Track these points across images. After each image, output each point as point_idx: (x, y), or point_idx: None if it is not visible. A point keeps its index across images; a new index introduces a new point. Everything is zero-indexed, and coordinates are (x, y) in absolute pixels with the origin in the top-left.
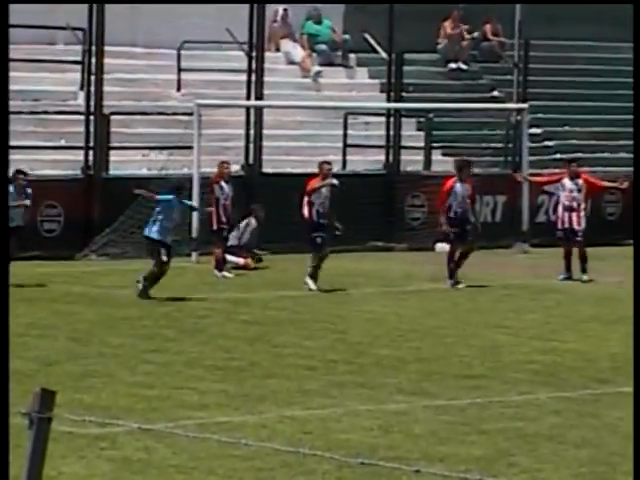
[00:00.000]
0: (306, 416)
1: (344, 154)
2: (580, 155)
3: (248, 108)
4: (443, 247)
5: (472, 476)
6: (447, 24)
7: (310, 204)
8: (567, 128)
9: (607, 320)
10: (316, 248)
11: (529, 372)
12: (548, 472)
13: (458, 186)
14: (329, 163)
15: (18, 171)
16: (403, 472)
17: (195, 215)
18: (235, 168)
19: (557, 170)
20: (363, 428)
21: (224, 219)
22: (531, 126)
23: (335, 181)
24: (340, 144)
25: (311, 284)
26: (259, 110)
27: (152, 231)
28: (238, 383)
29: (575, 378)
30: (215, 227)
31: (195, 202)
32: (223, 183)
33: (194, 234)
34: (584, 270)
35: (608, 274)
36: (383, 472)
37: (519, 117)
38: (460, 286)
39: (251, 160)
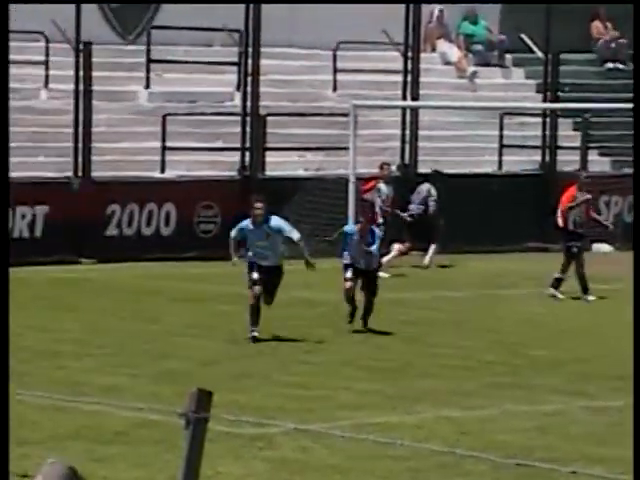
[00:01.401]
0: (462, 417)
1: (500, 154)
2: None
3: (404, 109)
4: (600, 247)
5: (630, 477)
6: (596, 24)
7: (565, 214)
8: None
9: None
10: (572, 257)
11: None
12: None
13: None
14: (389, 164)
15: None
16: (560, 474)
17: (351, 215)
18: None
19: None
20: (519, 429)
21: (380, 220)
22: None
23: (589, 196)
24: (496, 144)
25: (556, 293)
26: (415, 111)
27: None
28: (394, 383)
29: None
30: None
31: (351, 202)
32: (382, 184)
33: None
34: None
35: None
36: (539, 473)
37: None
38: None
39: (407, 160)
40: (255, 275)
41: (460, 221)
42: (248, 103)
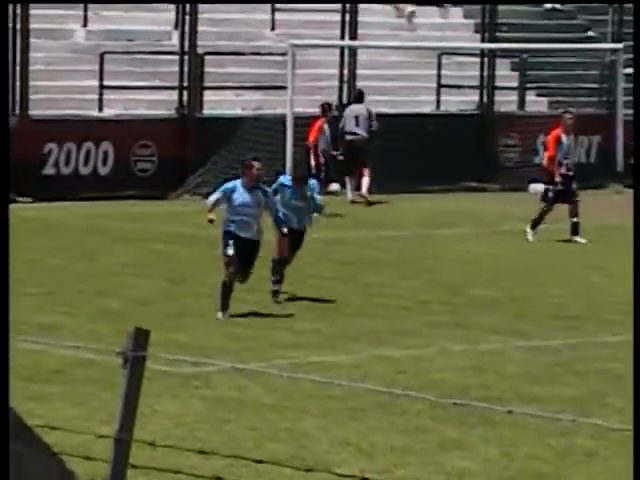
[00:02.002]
0: (399, 356)
1: (438, 94)
2: None
3: (342, 48)
4: (537, 187)
5: (565, 416)
6: None
7: (553, 157)
8: None
9: None
10: (546, 200)
11: (623, 313)
12: None
13: (564, 138)
14: (330, 105)
15: None
16: (496, 412)
17: (289, 154)
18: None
19: None
20: (456, 368)
21: (322, 160)
22: (626, 66)
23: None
24: (434, 84)
25: (529, 235)
26: (353, 50)
27: None
28: (331, 323)
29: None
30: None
31: (289, 141)
32: (325, 125)
33: (288, 173)
34: None
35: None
36: (476, 412)
37: (614, 57)
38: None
39: (345, 100)
40: (230, 251)
41: (398, 161)
42: (186, 42)
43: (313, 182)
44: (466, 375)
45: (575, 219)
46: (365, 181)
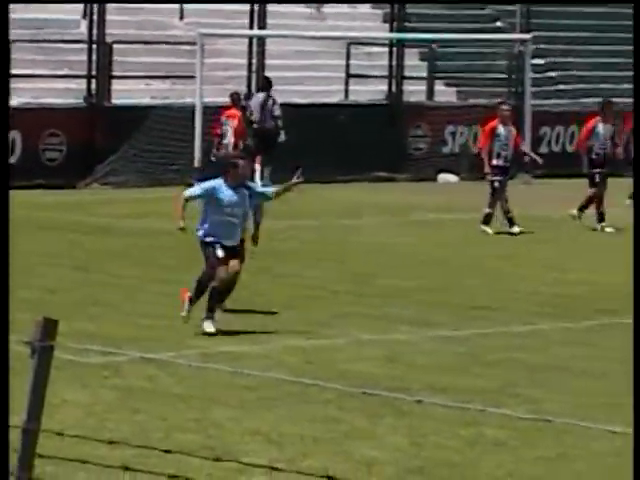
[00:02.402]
0: (309, 346)
1: (346, 84)
2: (582, 86)
3: (251, 38)
4: (446, 177)
5: (474, 406)
6: None
7: (490, 148)
8: (570, 59)
9: (614, 249)
10: (494, 192)
11: (534, 303)
12: (551, 402)
13: (600, 127)
14: (238, 93)
15: None
16: (405, 402)
17: (197, 143)
18: None
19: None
20: (366, 358)
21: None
22: (534, 57)
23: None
24: (342, 74)
25: (487, 229)
26: (262, 40)
27: None
28: (241, 313)
29: (580, 308)
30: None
31: (198, 130)
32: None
33: (196, 164)
34: None
35: (615, 205)
36: (385, 402)
37: (522, 48)
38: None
39: (253, 89)
40: (220, 253)
41: (308, 151)
42: (94, 31)
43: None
44: (376, 365)
45: (487, 210)
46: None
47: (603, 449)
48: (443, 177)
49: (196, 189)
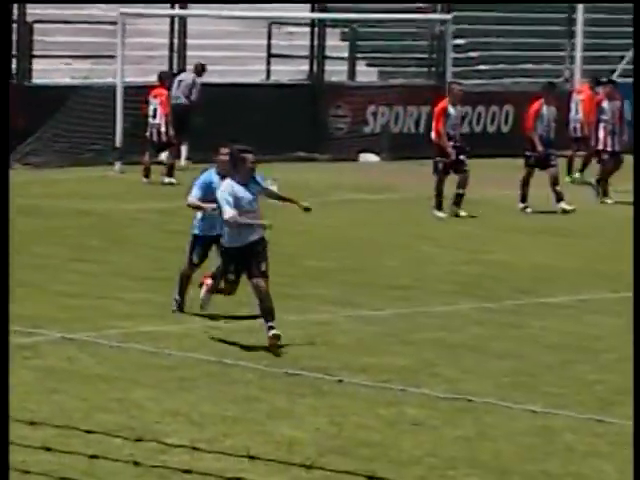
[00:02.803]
0: (230, 326)
1: (268, 64)
2: (503, 67)
3: (172, 17)
4: (367, 157)
5: (394, 386)
6: None
7: (440, 130)
8: (491, 39)
9: (531, 231)
10: (437, 172)
11: (453, 283)
12: (470, 382)
13: (545, 109)
14: (165, 72)
15: None
16: (325, 382)
17: (119, 124)
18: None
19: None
20: (287, 338)
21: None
22: (455, 37)
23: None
24: (264, 54)
25: (439, 214)
26: (183, 19)
27: None
28: (163, 293)
29: (498, 289)
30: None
31: (119, 110)
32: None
33: (117, 144)
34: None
35: (535, 185)
36: (305, 382)
37: (443, 28)
38: (528, 210)
39: (175, 69)
40: (232, 277)
41: (228, 131)
42: (14, 10)
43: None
44: (296, 345)
45: (461, 190)
46: (184, 152)
47: (523, 428)
48: (364, 157)
49: (223, 201)
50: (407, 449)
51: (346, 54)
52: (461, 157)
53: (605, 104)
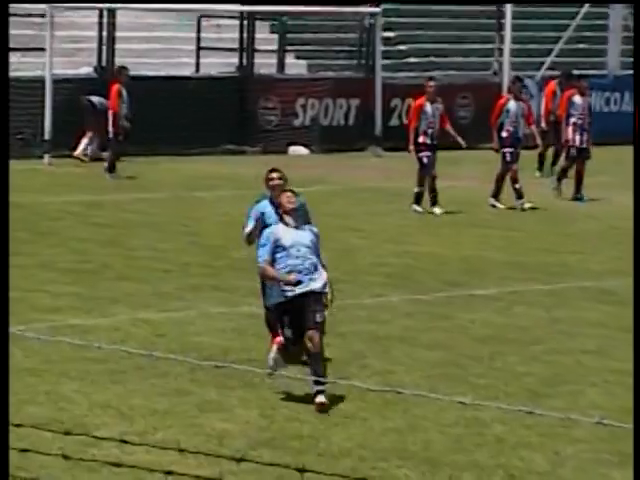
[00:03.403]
0: (160, 319)
1: (197, 57)
2: (433, 59)
3: (101, 10)
4: (296, 150)
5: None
6: None
7: (415, 127)
8: (420, 32)
9: (459, 222)
10: (422, 168)
11: (383, 275)
12: (400, 374)
13: (512, 104)
14: (124, 67)
15: None
16: (256, 374)
17: (48, 116)
18: (88, 70)
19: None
20: (217, 331)
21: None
22: (384, 29)
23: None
24: (193, 47)
25: (417, 208)
26: (112, 12)
27: None
28: (91, 286)
29: (428, 281)
30: (111, 133)
31: (48, 102)
32: (124, 90)
33: (47, 136)
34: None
35: (464, 178)
36: (236, 374)
37: (372, 20)
38: (526, 205)
39: (104, 62)
40: (288, 333)
41: (158, 124)
42: None
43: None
44: (226, 338)
45: (417, 189)
46: (84, 141)
47: (452, 420)
48: (294, 150)
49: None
50: (337, 441)
51: (275, 47)
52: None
53: (576, 99)
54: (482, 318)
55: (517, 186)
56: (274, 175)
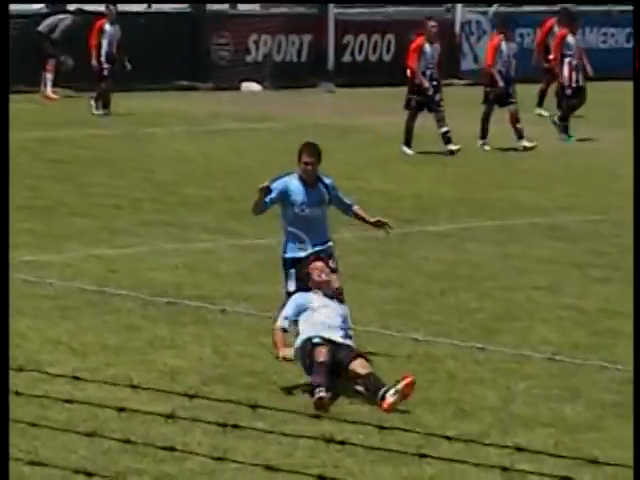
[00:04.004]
0: (112, 255)
1: None
2: None
3: None
4: (249, 86)
5: (275, 314)
6: None
7: (416, 66)
8: None
9: (412, 160)
10: (409, 109)
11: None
12: (353, 311)
13: (504, 45)
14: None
15: None
16: (208, 311)
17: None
18: (40, 6)
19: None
20: (169, 267)
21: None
22: None
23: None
24: None
25: (407, 150)
26: None
27: None
28: (45, 222)
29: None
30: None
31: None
32: (107, 25)
33: None
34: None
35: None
36: (188, 311)
37: None
38: (487, 147)
39: None
40: (292, 287)
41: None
42: None
43: (330, 181)
44: (179, 274)
45: (444, 129)
46: (48, 77)
47: (405, 356)
48: (246, 86)
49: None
50: (290, 377)
51: None
52: (437, 96)
53: (570, 39)
54: (434, 255)
55: (518, 126)
56: (308, 160)
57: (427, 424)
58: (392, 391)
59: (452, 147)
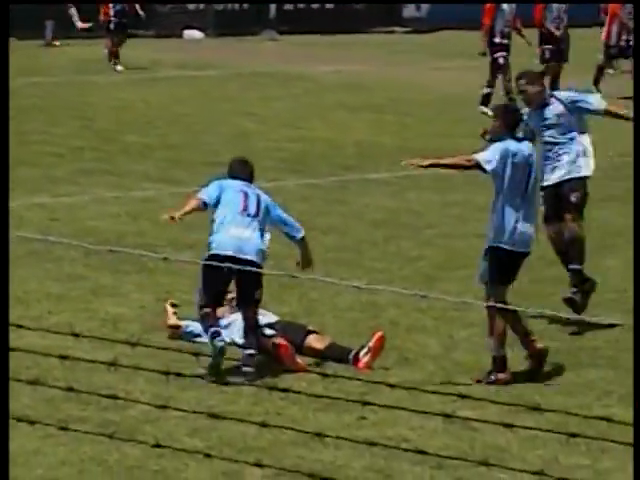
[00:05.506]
0: (53, 204)
1: None
2: None
3: None
4: (191, 34)
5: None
6: None
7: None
8: None
9: (352, 107)
10: (498, 68)
11: (277, 160)
12: (295, 258)
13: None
14: None
15: None
16: (150, 259)
17: None
18: None
19: None
20: (111, 215)
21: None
22: None
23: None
24: None
25: (486, 109)
26: None
27: None
28: None
29: (322, 165)
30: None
31: None
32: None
33: None
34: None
35: (356, 62)
36: (130, 259)
37: None
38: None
39: None
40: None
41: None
42: None
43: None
44: (120, 222)
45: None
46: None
47: (348, 304)
48: (188, 34)
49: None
50: None
51: None
52: (503, 60)
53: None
54: (376, 202)
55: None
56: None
57: (369, 372)
58: (365, 350)
59: (484, 108)
